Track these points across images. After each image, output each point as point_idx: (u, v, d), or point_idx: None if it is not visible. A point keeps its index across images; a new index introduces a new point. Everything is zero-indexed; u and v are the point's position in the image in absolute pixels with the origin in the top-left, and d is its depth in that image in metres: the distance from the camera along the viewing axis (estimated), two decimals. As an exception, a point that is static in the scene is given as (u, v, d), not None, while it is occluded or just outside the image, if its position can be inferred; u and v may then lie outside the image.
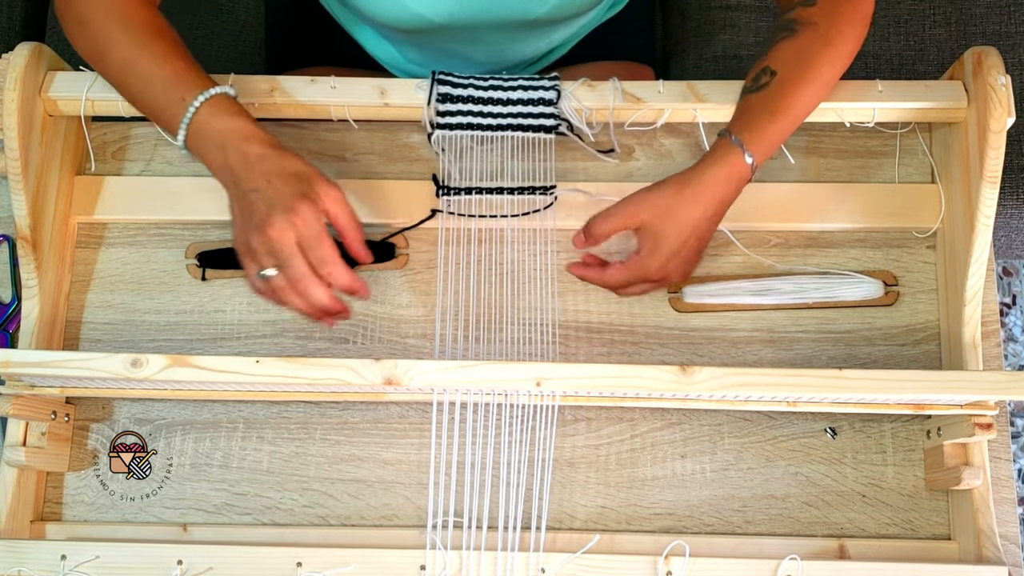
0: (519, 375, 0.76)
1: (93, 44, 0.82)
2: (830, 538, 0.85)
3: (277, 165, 0.76)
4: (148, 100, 0.81)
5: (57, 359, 0.78)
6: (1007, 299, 1.68)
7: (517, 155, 0.90)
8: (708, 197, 0.80)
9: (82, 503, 0.88)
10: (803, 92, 0.82)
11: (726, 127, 0.82)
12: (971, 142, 0.85)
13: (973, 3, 1.22)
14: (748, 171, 0.81)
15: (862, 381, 0.76)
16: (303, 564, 0.80)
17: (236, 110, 0.79)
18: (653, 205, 0.81)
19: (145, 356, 0.76)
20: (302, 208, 0.74)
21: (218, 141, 0.77)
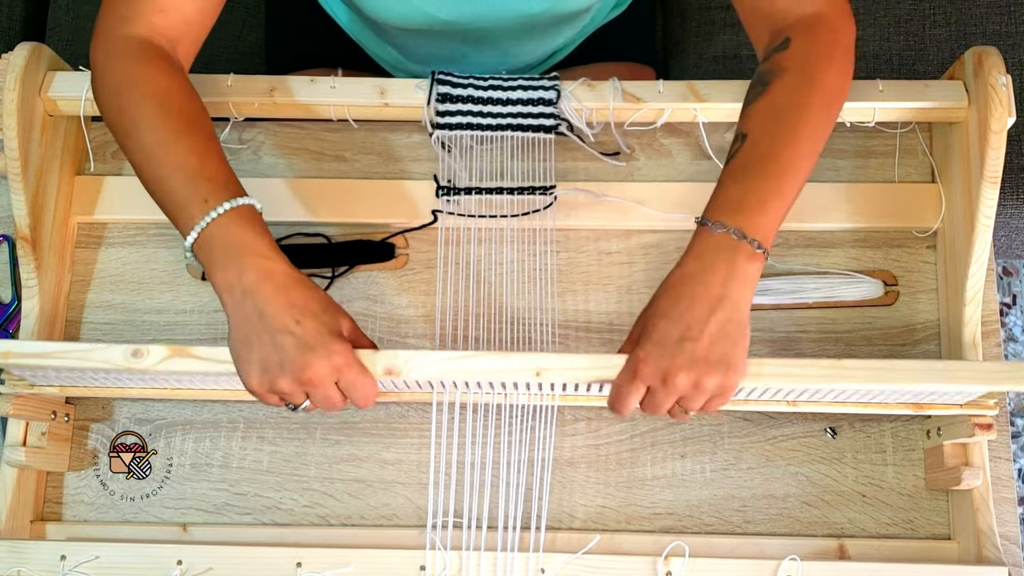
0: (518, 366, 0.75)
1: (123, 117, 0.77)
2: (830, 538, 0.85)
3: (302, 300, 0.71)
4: (168, 190, 0.74)
5: (58, 350, 0.77)
6: (1007, 299, 1.68)
7: (517, 155, 0.90)
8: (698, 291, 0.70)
9: (82, 503, 0.88)
10: (781, 150, 0.73)
11: (703, 213, 0.73)
12: (971, 142, 0.85)
13: (973, 3, 1.22)
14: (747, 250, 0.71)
15: (861, 371, 0.75)
16: (303, 564, 0.80)
17: (259, 227, 0.73)
18: (642, 314, 0.75)
19: (145, 347, 0.75)
20: (339, 349, 0.71)
21: (234, 256, 0.71)
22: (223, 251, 0.72)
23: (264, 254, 0.72)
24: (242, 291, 0.71)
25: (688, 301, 0.70)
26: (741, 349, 0.71)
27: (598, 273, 0.92)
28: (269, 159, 0.95)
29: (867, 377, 0.75)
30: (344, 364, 0.71)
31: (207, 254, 0.72)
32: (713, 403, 0.72)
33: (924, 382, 0.75)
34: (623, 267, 0.92)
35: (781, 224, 0.74)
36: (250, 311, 0.70)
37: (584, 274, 0.92)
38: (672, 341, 0.70)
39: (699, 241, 0.72)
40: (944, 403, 0.81)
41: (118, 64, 0.78)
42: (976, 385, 0.76)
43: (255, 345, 0.70)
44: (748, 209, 0.71)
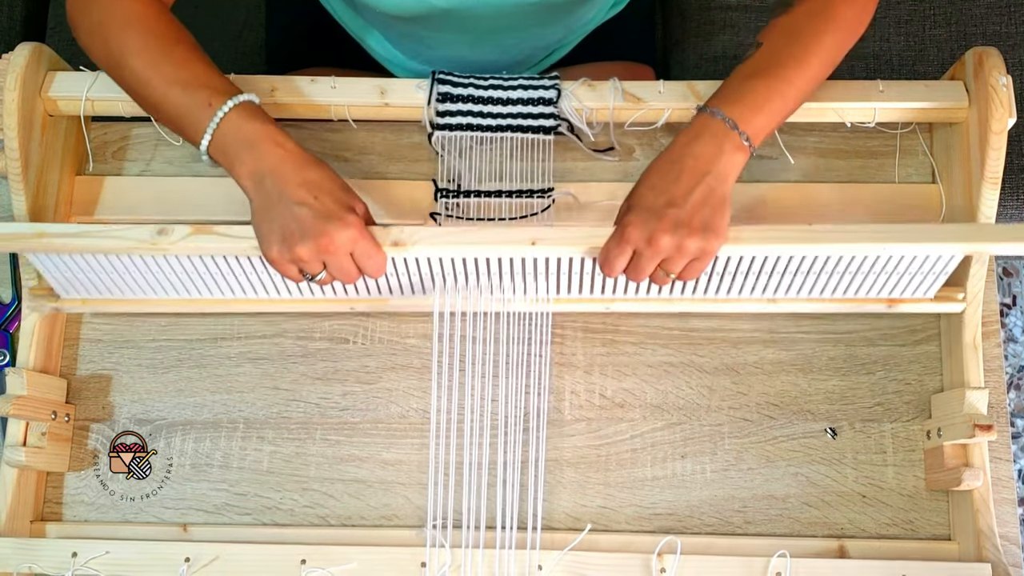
0: (515, 237, 0.79)
1: (109, 50, 0.80)
2: (830, 538, 0.85)
3: (318, 178, 0.77)
4: (169, 105, 0.79)
5: (88, 230, 0.80)
6: (1007, 300, 1.68)
7: (516, 156, 0.90)
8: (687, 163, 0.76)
9: (82, 503, 0.88)
10: (790, 61, 0.79)
11: (705, 101, 0.80)
12: (972, 142, 0.85)
13: (973, 3, 1.22)
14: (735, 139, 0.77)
15: (830, 233, 0.78)
16: (307, 561, 0.81)
17: (264, 117, 0.79)
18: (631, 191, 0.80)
19: (170, 226, 0.79)
20: (353, 220, 0.76)
21: (250, 146, 0.77)
22: (237, 145, 0.77)
23: (276, 139, 0.77)
24: (262, 174, 0.76)
25: (675, 175, 0.76)
26: (722, 217, 0.76)
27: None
28: (269, 159, 0.95)
29: (836, 238, 0.78)
30: (358, 234, 0.76)
31: (223, 152, 0.77)
32: (694, 266, 0.77)
33: (887, 242, 0.78)
34: (623, 267, 0.92)
35: (773, 131, 0.80)
36: (271, 189, 0.76)
37: (584, 274, 0.92)
38: (658, 206, 0.75)
39: (695, 124, 0.78)
40: (915, 298, 0.84)
41: (94, 4, 0.81)
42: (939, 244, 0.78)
43: (276, 218, 0.76)
44: (746, 105, 0.78)
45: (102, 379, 0.91)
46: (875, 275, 0.82)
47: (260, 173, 0.76)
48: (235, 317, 0.91)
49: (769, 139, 0.79)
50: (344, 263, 0.77)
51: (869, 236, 0.78)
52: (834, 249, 0.78)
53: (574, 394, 0.89)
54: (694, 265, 0.77)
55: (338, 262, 0.77)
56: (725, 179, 0.76)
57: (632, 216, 0.76)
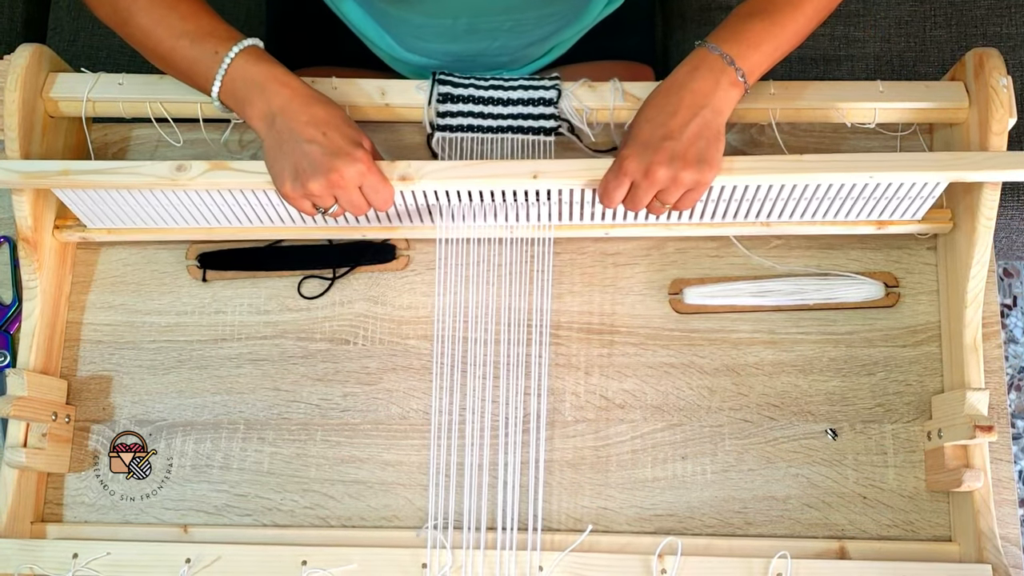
0: (518, 170, 0.82)
1: (116, 10, 0.83)
2: (831, 539, 0.85)
3: (325, 115, 0.79)
4: (178, 57, 0.82)
5: (110, 167, 0.82)
6: (1008, 300, 1.68)
7: (517, 157, 0.90)
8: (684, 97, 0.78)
9: (83, 504, 0.88)
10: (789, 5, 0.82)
11: (705, 37, 0.82)
12: (972, 143, 0.85)
13: (974, 5, 1.22)
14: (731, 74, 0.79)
15: (819, 163, 0.81)
16: (308, 562, 0.81)
17: (269, 59, 0.81)
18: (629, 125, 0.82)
19: (188, 162, 0.82)
20: (361, 155, 0.79)
21: (258, 88, 0.79)
22: (246, 88, 0.80)
23: (283, 80, 0.80)
24: (272, 114, 0.79)
25: (673, 108, 0.78)
26: (716, 149, 0.79)
27: (599, 274, 0.92)
28: (270, 160, 0.95)
29: (825, 167, 0.80)
30: (367, 168, 0.79)
31: (233, 96, 0.80)
32: (689, 196, 0.80)
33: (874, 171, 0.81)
34: (624, 268, 0.92)
35: (767, 69, 0.82)
36: (282, 128, 0.79)
37: (585, 275, 0.92)
38: (655, 140, 0.78)
39: (694, 57, 0.80)
40: (903, 220, 0.86)
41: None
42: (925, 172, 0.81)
43: (288, 155, 0.79)
44: (744, 43, 0.80)
45: (102, 380, 0.91)
46: (864, 200, 0.85)
47: (270, 113, 0.79)
48: (236, 318, 0.91)
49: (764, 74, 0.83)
50: (354, 196, 0.80)
51: (856, 165, 0.81)
52: (823, 178, 0.81)
53: (574, 395, 0.89)
54: (689, 195, 0.80)
55: (348, 195, 0.80)
56: (720, 112, 0.79)
57: (629, 149, 0.79)
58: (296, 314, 0.92)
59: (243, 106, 0.80)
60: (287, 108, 0.79)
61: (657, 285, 0.91)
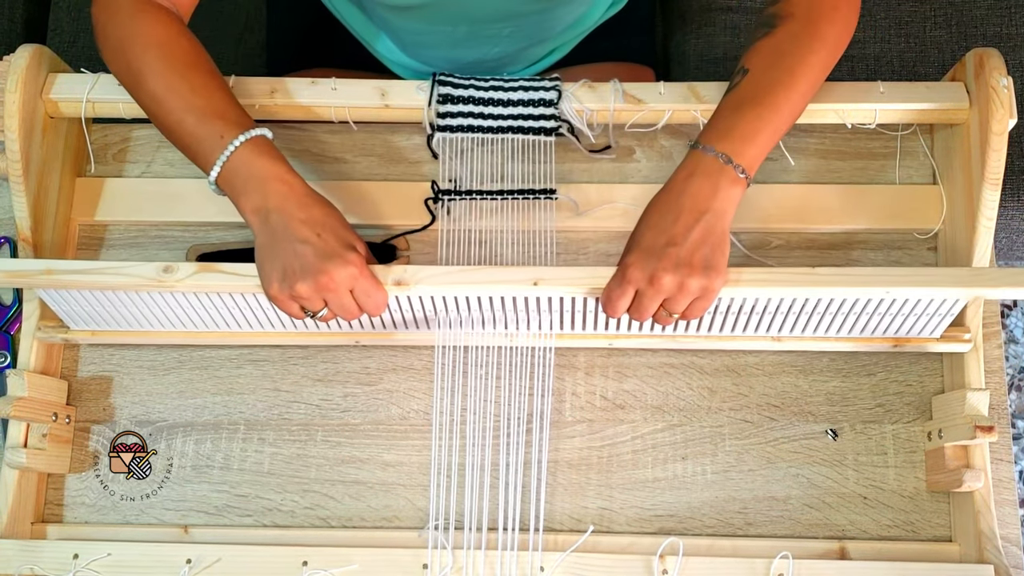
0: (518, 277, 0.79)
1: (129, 70, 0.82)
2: (831, 540, 0.85)
3: (321, 216, 0.78)
4: (183, 132, 0.80)
5: (95, 267, 0.80)
6: (1008, 301, 1.68)
7: (517, 157, 0.90)
8: (685, 203, 0.76)
9: (83, 505, 0.88)
10: (778, 87, 0.79)
11: (696, 137, 0.79)
12: (972, 144, 0.85)
13: (974, 5, 1.22)
14: (731, 174, 0.76)
15: (833, 276, 0.78)
16: (308, 563, 0.81)
17: (275, 153, 0.79)
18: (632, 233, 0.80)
19: (176, 264, 0.80)
20: (354, 259, 0.77)
21: (257, 183, 0.77)
22: (246, 180, 0.78)
23: (283, 177, 0.78)
24: (267, 211, 0.77)
25: (675, 214, 0.76)
26: (722, 255, 0.76)
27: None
28: (270, 161, 0.95)
29: (838, 282, 0.78)
30: (359, 272, 0.77)
31: (231, 185, 0.78)
32: (696, 305, 0.77)
33: (889, 286, 0.78)
34: (624, 269, 0.92)
35: (767, 155, 0.79)
36: (275, 225, 0.77)
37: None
38: (659, 247, 0.76)
39: (689, 161, 0.78)
40: (921, 338, 0.83)
41: (118, 20, 0.82)
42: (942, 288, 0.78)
43: (278, 255, 0.77)
44: (738, 137, 0.77)
45: (103, 381, 0.91)
46: (880, 316, 0.82)
47: (266, 209, 0.77)
48: (236, 319, 0.92)
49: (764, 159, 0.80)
50: (344, 300, 0.78)
51: (872, 280, 0.78)
52: (835, 292, 0.78)
53: (575, 395, 0.89)
54: (697, 304, 0.77)
55: (338, 299, 0.77)
56: (723, 215, 0.76)
57: (633, 256, 0.76)
58: (296, 315, 0.91)
59: (239, 196, 0.78)
60: (283, 206, 0.77)
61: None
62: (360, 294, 0.78)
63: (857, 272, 0.78)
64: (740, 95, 0.80)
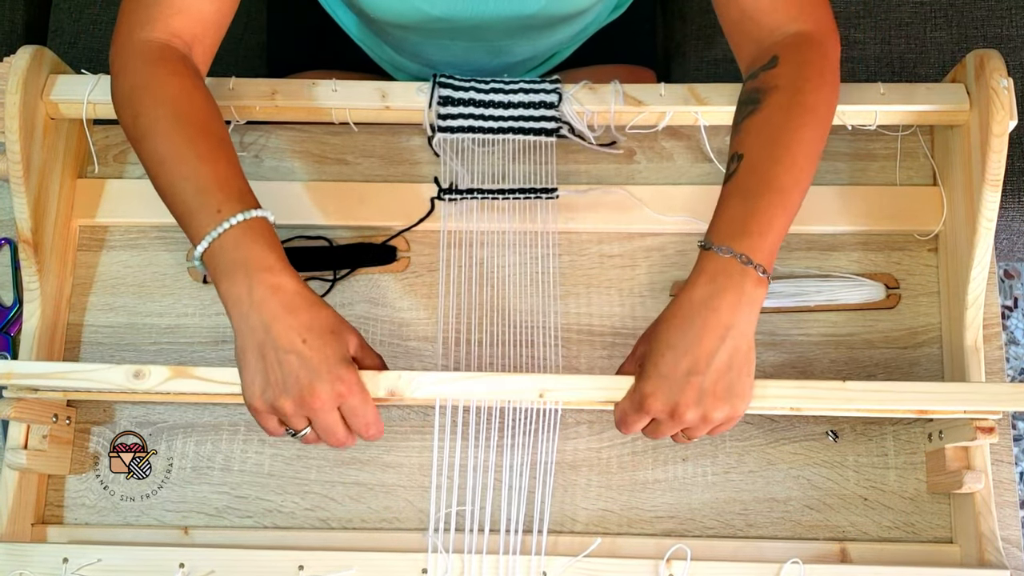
0: (522, 386, 0.77)
1: (136, 124, 0.76)
2: (831, 541, 0.85)
3: (309, 319, 0.71)
4: (179, 200, 0.74)
5: (59, 371, 0.79)
6: (1008, 302, 1.68)
7: (518, 158, 0.91)
8: (709, 320, 0.70)
9: (83, 506, 0.88)
10: (779, 168, 0.73)
11: (706, 236, 0.73)
12: (973, 145, 0.85)
13: (974, 6, 1.22)
14: (753, 276, 0.71)
15: (865, 393, 0.77)
16: (305, 567, 0.80)
17: (271, 241, 0.72)
18: (648, 335, 0.76)
19: (147, 368, 0.77)
20: (345, 374, 0.71)
21: (244, 271, 0.70)
22: (233, 264, 0.71)
23: (274, 270, 0.71)
24: (250, 305, 0.70)
25: (698, 331, 0.70)
26: (747, 377, 0.72)
27: (600, 276, 0.92)
28: (270, 162, 0.96)
29: (872, 399, 0.77)
30: (347, 390, 0.71)
31: (216, 265, 0.72)
32: (718, 430, 0.74)
33: (926, 404, 0.77)
34: (624, 270, 0.92)
35: (780, 244, 0.74)
36: (256, 325, 0.70)
37: (586, 277, 0.92)
38: (680, 375, 0.70)
39: (708, 265, 0.72)
40: (948, 408, 0.81)
41: (133, 68, 0.78)
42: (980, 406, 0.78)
43: (260, 360, 0.70)
44: (752, 233, 0.72)
45: (103, 382, 0.91)
46: None
47: (248, 303, 0.70)
48: (236, 320, 0.91)
49: None
50: (330, 420, 0.72)
51: (904, 397, 0.77)
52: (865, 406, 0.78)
53: (575, 397, 0.89)
54: (718, 429, 0.74)
55: (324, 420, 0.71)
56: (748, 329, 0.71)
57: (651, 385, 0.71)
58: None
59: (222, 279, 0.71)
60: (268, 304, 0.69)
61: (659, 287, 0.91)
62: (348, 412, 0.72)
63: (889, 388, 0.77)
64: (741, 184, 0.74)
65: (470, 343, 0.88)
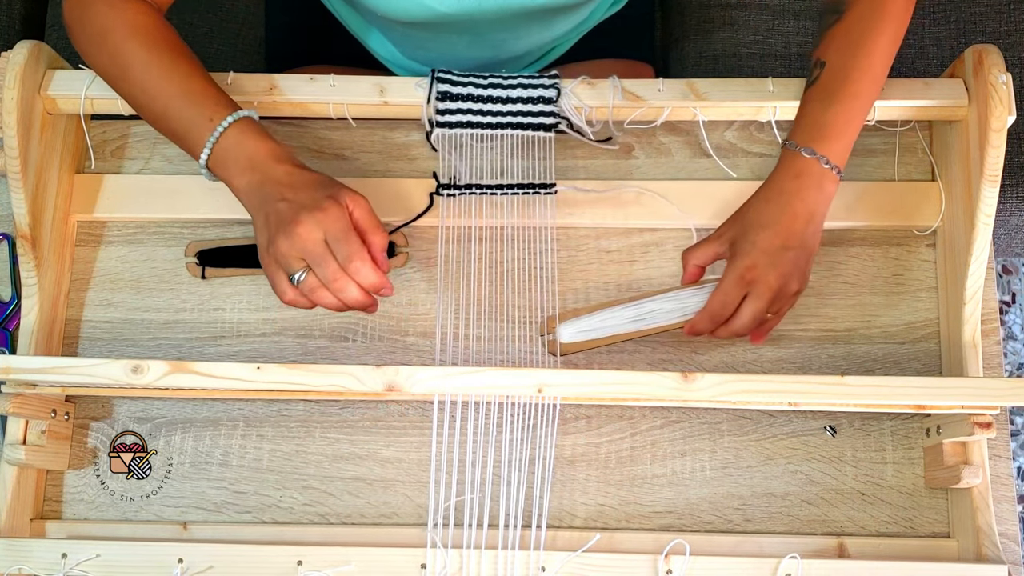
0: (521, 382, 0.77)
1: (112, 60, 0.82)
2: (829, 536, 0.85)
3: (304, 179, 0.77)
4: (171, 118, 0.80)
5: (58, 365, 0.79)
6: (1006, 297, 1.68)
7: (517, 153, 0.90)
8: (797, 207, 0.80)
9: (82, 501, 0.88)
10: (858, 75, 0.82)
11: (789, 135, 0.82)
12: (971, 140, 0.85)
13: (973, 1, 1.22)
14: (830, 175, 0.80)
15: (863, 388, 0.77)
16: (303, 563, 0.80)
17: (263, 132, 0.79)
18: (736, 220, 0.82)
19: (146, 363, 0.77)
20: (328, 206, 0.74)
21: (247, 162, 0.77)
22: (236, 160, 0.78)
23: (276, 154, 0.78)
24: (257, 188, 0.77)
25: (790, 215, 0.80)
26: (813, 259, 0.82)
27: (598, 271, 0.92)
28: (269, 157, 0.95)
29: (870, 394, 0.78)
30: (328, 219, 0.73)
31: (223, 166, 0.79)
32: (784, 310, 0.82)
33: (927, 399, 0.77)
34: (623, 265, 0.92)
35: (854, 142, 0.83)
36: (265, 196, 0.76)
37: (584, 272, 0.92)
38: (776, 248, 0.79)
39: (795, 163, 0.81)
40: (946, 405, 0.81)
41: (93, 12, 0.82)
42: (979, 402, 0.78)
43: (264, 218, 0.76)
44: (832, 136, 0.81)
45: (102, 377, 0.91)
46: None
47: (257, 186, 0.76)
48: (234, 315, 0.91)
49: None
50: (318, 253, 0.73)
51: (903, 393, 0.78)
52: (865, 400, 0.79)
53: (574, 392, 0.89)
54: (783, 304, 0.81)
55: (313, 253, 0.73)
56: (823, 219, 0.82)
57: (752, 258, 0.79)
58: (295, 311, 0.91)
59: (231, 176, 0.78)
60: (272, 176, 0.76)
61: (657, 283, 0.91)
62: (333, 243, 0.73)
63: (887, 383, 0.78)
64: (824, 87, 0.82)
65: (468, 338, 0.88)
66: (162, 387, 0.78)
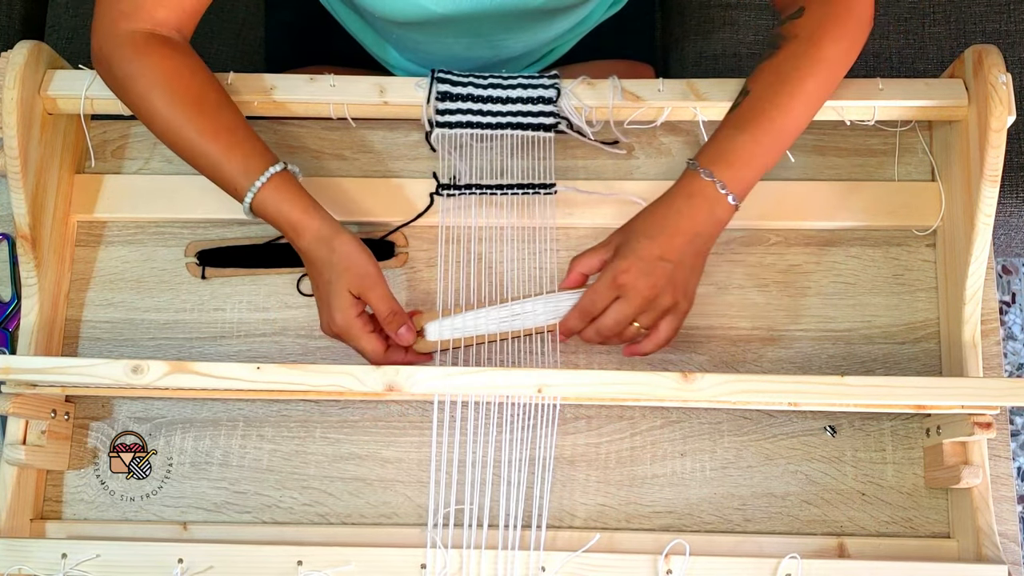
0: (521, 381, 0.77)
1: (137, 107, 0.84)
2: (830, 536, 0.85)
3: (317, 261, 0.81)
4: (202, 171, 0.84)
5: (58, 365, 0.79)
6: (1006, 297, 1.68)
7: (517, 153, 0.90)
8: (683, 224, 0.81)
9: (82, 501, 0.88)
10: (775, 112, 0.81)
11: (696, 155, 0.83)
12: (971, 140, 0.85)
13: (973, 1, 1.22)
14: (724, 201, 0.81)
15: (863, 388, 0.77)
16: (304, 563, 0.80)
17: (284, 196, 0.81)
18: (624, 229, 0.84)
19: (146, 363, 0.77)
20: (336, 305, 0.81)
21: (278, 226, 0.82)
22: (275, 221, 0.82)
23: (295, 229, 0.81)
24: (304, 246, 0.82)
25: (672, 230, 0.81)
26: (696, 281, 0.83)
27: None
28: (269, 157, 0.95)
29: (870, 394, 0.78)
30: (335, 319, 0.81)
31: (263, 217, 0.83)
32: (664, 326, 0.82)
33: (927, 399, 0.77)
34: (623, 265, 0.92)
35: (760, 178, 0.83)
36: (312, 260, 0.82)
37: (584, 273, 0.91)
38: (652, 257, 0.80)
39: (691, 183, 0.82)
40: (946, 404, 0.81)
41: (120, 58, 0.82)
42: (979, 402, 0.78)
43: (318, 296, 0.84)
44: (736, 163, 0.81)
45: (102, 377, 0.90)
46: None
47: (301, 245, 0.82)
48: (235, 315, 0.91)
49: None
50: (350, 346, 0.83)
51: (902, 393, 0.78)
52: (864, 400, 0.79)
53: (574, 392, 0.89)
54: (664, 324, 0.82)
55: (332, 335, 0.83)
56: (711, 242, 0.82)
57: (627, 263, 0.80)
58: (295, 311, 0.91)
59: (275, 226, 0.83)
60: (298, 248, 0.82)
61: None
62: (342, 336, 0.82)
63: (887, 383, 0.78)
64: (740, 115, 0.83)
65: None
66: (162, 387, 0.78)
